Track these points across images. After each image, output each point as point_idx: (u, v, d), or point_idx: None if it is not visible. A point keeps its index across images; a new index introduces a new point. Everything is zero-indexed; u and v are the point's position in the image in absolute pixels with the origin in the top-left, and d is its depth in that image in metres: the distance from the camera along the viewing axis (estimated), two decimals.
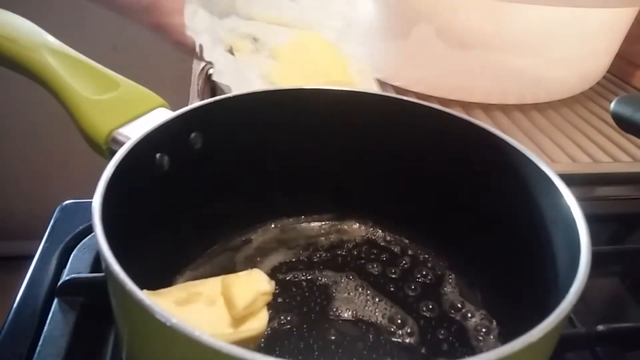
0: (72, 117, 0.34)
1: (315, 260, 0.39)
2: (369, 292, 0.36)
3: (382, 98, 0.39)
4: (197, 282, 0.32)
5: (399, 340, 0.33)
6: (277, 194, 0.40)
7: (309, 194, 0.41)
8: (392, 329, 0.34)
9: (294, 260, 0.39)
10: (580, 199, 0.28)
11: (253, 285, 0.32)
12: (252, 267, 0.37)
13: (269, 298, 0.32)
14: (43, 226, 0.43)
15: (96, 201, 0.25)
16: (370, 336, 0.33)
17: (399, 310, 0.35)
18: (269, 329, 0.32)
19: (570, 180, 0.29)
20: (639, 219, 0.51)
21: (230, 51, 0.59)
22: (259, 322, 0.31)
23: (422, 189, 0.39)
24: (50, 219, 0.44)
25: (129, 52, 1.27)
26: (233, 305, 0.30)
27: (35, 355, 0.32)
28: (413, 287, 0.37)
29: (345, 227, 0.42)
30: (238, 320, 0.30)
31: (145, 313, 0.20)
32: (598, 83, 0.69)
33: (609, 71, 0.69)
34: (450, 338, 0.33)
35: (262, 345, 0.32)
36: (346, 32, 0.60)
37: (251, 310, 0.31)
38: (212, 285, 0.32)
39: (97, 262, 0.39)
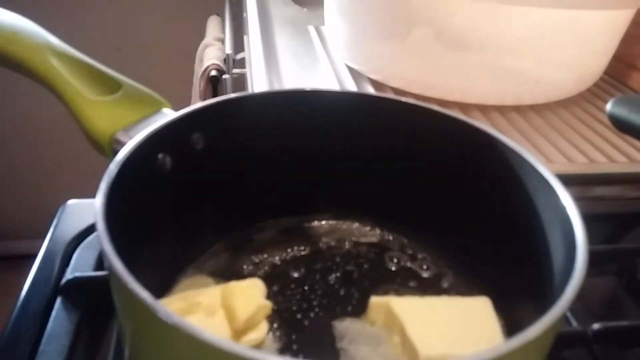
0: (75, 118, 0.35)
1: (315, 260, 0.39)
2: (369, 290, 0.36)
3: (381, 99, 0.39)
4: (196, 291, 0.32)
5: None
6: (277, 193, 0.40)
7: (309, 193, 0.41)
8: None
9: (294, 259, 0.39)
10: (577, 199, 0.28)
11: (254, 297, 0.32)
12: (252, 266, 0.38)
13: (269, 311, 0.32)
14: (46, 225, 0.43)
15: (99, 200, 0.25)
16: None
17: None
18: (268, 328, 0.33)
19: (566, 180, 0.29)
20: (634, 218, 0.52)
21: None
22: (259, 334, 0.31)
23: (420, 189, 0.39)
24: (54, 218, 0.44)
25: (131, 54, 1.27)
26: (234, 317, 0.30)
27: (38, 353, 0.32)
28: (412, 285, 0.37)
29: (345, 226, 0.42)
30: (238, 332, 0.30)
31: (148, 312, 0.20)
32: (595, 84, 0.69)
33: (605, 72, 0.69)
34: None
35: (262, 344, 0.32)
36: None
37: (252, 323, 0.31)
38: (211, 295, 0.31)
39: (100, 261, 0.40)
